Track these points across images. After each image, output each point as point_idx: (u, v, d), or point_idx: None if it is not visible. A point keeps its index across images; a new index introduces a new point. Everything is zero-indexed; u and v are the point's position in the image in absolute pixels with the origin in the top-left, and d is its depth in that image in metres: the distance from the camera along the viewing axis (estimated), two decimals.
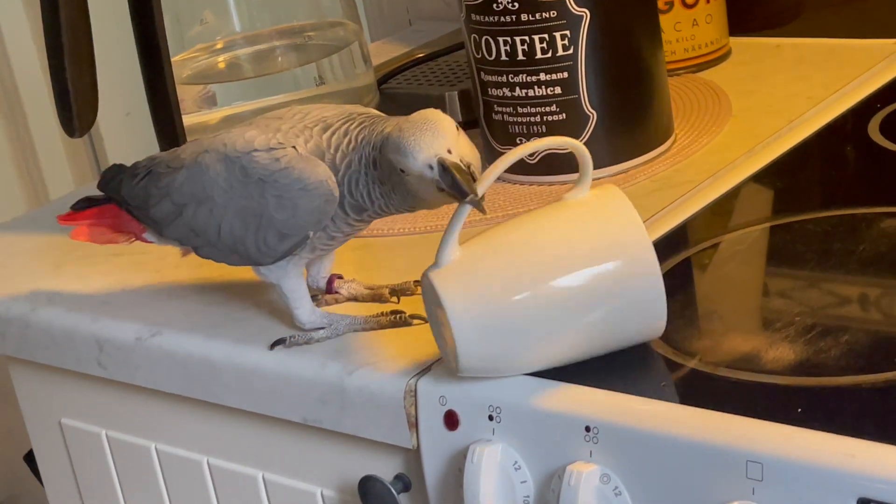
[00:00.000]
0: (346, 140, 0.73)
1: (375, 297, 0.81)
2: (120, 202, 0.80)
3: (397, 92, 1.07)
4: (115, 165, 0.82)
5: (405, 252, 0.87)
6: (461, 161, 0.68)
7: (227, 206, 0.75)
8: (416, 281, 0.80)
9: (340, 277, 0.81)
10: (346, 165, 0.73)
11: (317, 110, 0.76)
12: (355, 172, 0.73)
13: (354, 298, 0.81)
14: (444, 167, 0.68)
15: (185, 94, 0.97)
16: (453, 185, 0.68)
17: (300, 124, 0.75)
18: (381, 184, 0.72)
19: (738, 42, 1.12)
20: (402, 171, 0.69)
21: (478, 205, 0.67)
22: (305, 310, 0.77)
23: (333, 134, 0.74)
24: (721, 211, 0.86)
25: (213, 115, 1.00)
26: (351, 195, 0.73)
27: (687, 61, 1.08)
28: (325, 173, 0.73)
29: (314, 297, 0.79)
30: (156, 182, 0.78)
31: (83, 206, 0.83)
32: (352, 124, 0.74)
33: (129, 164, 1.30)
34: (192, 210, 0.76)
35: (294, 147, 0.73)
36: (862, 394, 0.64)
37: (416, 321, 0.76)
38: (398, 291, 0.80)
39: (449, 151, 0.68)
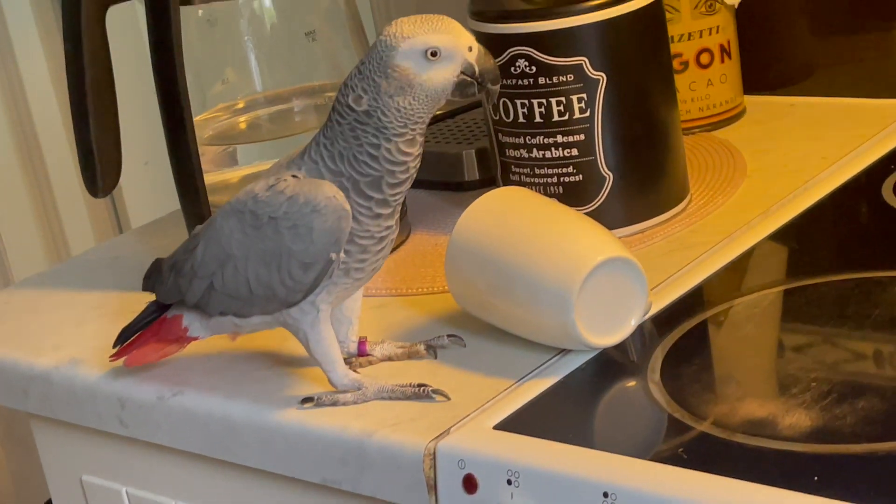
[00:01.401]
0: (324, 141, 0.75)
1: (411, 355, 0.81)
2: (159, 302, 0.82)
3: None
4: (154, 262, 0.83)
5: (422, 310, 0.88)
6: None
7: (248, 256, 0.76)
8: (449, 335, 0.81)
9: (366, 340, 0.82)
10: (338, 155, 0.75)
11: None
12: (347, 148, 0.74)
13: (389, 358, 0.82)
14: (481, 52, 0.74)
15: (207, 153, 0.99)
16: (493, 69, 0.74)
17: (286, 163, 0.77)
18: (375, 130, 0.74)
19: (752, 100, 1.13)
20: (434, 54, 0.72)
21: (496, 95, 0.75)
22: (338, 372, 0.78)
23: (310, 148, 0.76)
24: (737, 273, 0.87)
25: (234, 174, 1.01)
26: (360, 173, 0.74)
27: (702, 120, 1.09)
28: (332, 190, 0.74)
29: (347, 362, 0.80)
30: (180, 271, 0.79)
31: (124, 337, 0.83)
32: (318, 134, 0.76)
33: (146, 212, 1.31)
34: (220, 277, 0.77)
35: (294, 175, 0.75)
36: (877, 462, 0.64)
37: (438, 397, 0.77)
38: (433, 346, 0.81)
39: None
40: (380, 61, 0.73)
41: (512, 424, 0.73)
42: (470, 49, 0.74)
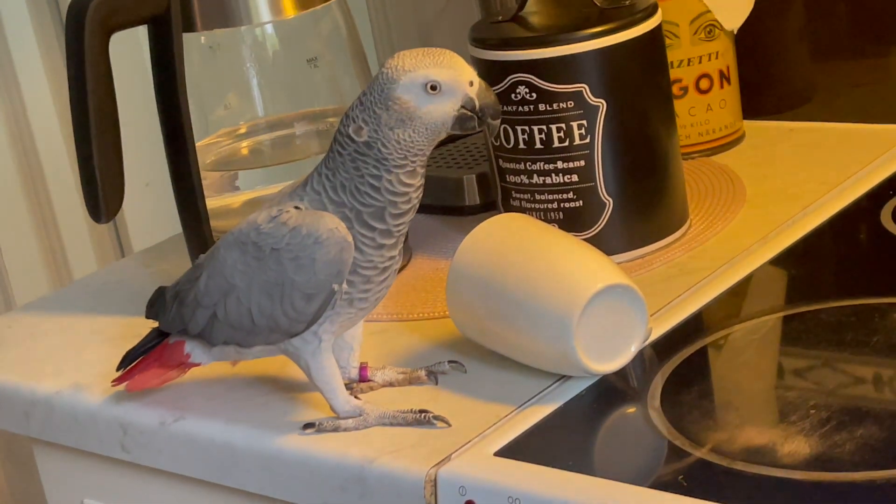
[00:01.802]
0: (325, 172, 0.76)
1: (412, 381, 0.82)
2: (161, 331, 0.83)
3: None
4: (157, 290, 0.83)
5: (423, 336, 0.88)
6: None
7: (251, 286, 0.77)
8: (450, 361, 0.82)
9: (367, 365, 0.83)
10: (340, 186, 0.75)
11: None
12: (349, 179, 0.75)
13: (390, 384, 0.82)
14: (482, 87, 0.75)
15: (208, 178, 0.99)
16: (494, 103, 0.75)
17: (289, 193, 0.78)
18: (376, 162, 0.74)
19: (751, 125, 1.13)
20: (434, 88, 0.73)
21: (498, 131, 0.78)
22: (340, 399, 0.78)
23: (312, 179, 0.77)
24: (736, 299, 0.87)
25: (236, 199, 1.01)
26: (362, 203, 0.75)
27: (701, 145, 1.10)
28: (334, 222, 0.75)
29: (348, 388, 0.80)
30: (183, 301, 0.80)
31: (127, 362, 0.84)
32: (320, 164, 0.77)
33: (148, 234, 1.31)
34: (223, 307, 0.78)
35: (296, 206, 0.76)
36: (876, 490, 0.65)
37: (439, 423, 0.77)
38: (434, 372, 0.82)
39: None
40: (381, 93, 0.74)
41: (513, 451, 0.74)
42: (471, 83, 0.74)
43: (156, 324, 0.83)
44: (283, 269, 0.75)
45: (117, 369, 0.84)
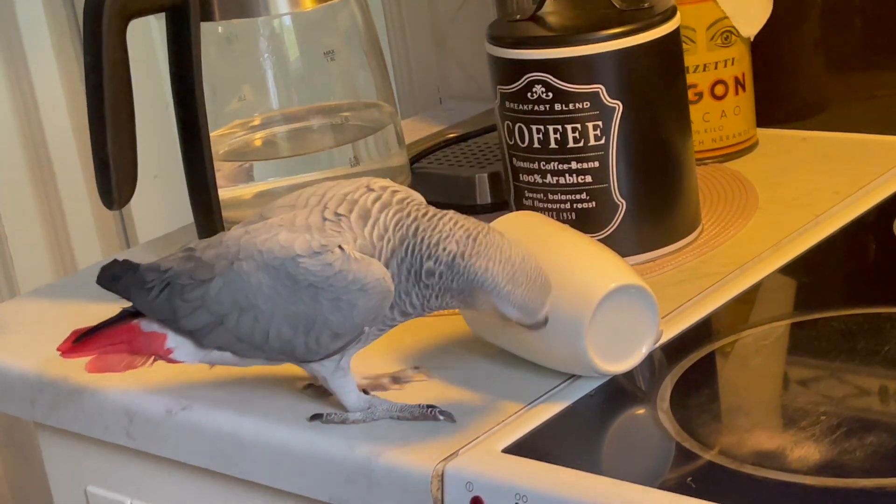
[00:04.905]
0: (387, 234, 0.74)
1: (376, 387, 0.81)
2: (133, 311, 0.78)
3: (429, 172, 1.09)
4: (115, 262, 0.79)
5: (433, 332, 0.88)
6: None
7: (275, 312, 0.74)
8: (414, 367, 0.82)
9: None
10: (396, 268, 0.74)
11: (332, 189, 0.76)
12: (405, 284, 0.74)
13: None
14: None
15: (221, 168, 0.99)
16: None
17: (328, 212, 0.74)
18: (436, 294, 0.74)
19: (765, 133, 1.13)
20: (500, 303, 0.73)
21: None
22: (352, 400, 0.78)
23: (374, 226, 0.74)
24: (746, 305, 0.87)
25: (248, 190, 1.01)
26: (403, 304, 0.75)
27: (715, 151, 1.10)
28: (381, 271, 0.73)
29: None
30: (181, 294, 0.76)
31: (87, 334, 0.79)
32: (388, 212, 0.74)
33: (154, 227, 1.30)
34: (234, 318, 0.75)
35: (340, 247, 0.73)
36: (886, 497, 0.65)
37: (446, 419, 0.77)
38: (399, 379, 0.81)
39: None
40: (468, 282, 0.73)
41: (521, 448, 0.73)
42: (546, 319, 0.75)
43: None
44: (318, 306, 0.73)
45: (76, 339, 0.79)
